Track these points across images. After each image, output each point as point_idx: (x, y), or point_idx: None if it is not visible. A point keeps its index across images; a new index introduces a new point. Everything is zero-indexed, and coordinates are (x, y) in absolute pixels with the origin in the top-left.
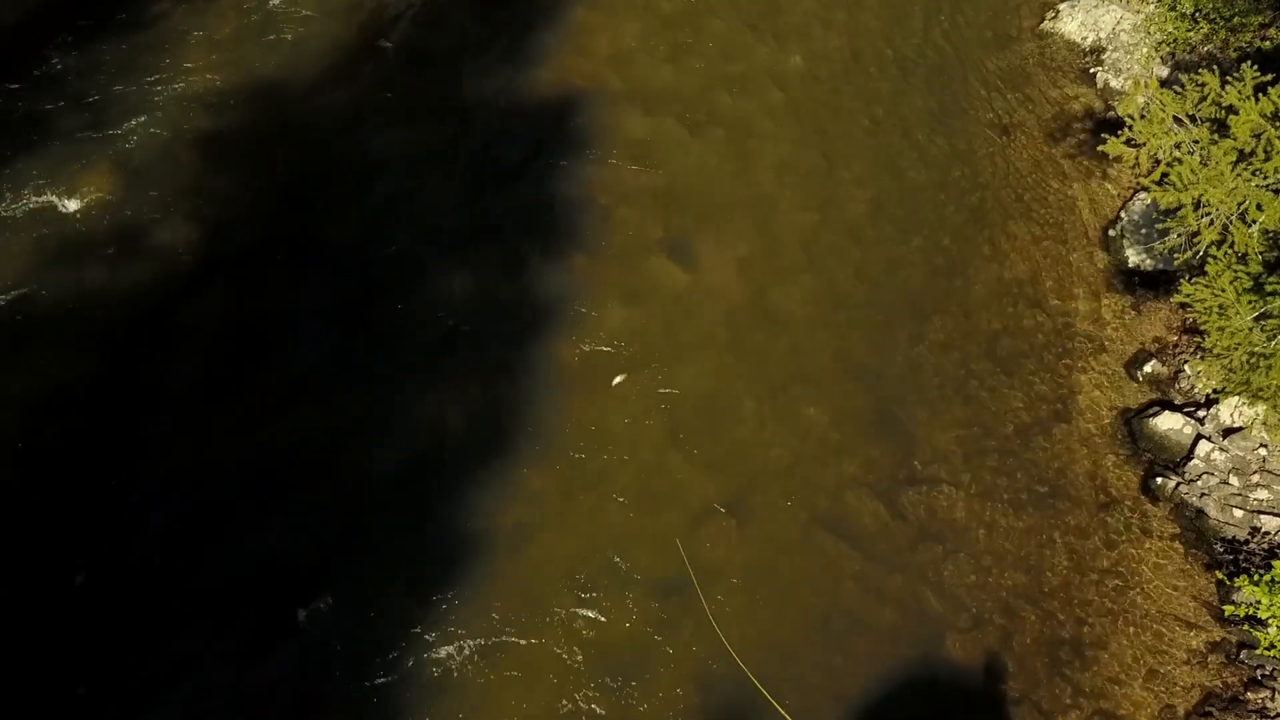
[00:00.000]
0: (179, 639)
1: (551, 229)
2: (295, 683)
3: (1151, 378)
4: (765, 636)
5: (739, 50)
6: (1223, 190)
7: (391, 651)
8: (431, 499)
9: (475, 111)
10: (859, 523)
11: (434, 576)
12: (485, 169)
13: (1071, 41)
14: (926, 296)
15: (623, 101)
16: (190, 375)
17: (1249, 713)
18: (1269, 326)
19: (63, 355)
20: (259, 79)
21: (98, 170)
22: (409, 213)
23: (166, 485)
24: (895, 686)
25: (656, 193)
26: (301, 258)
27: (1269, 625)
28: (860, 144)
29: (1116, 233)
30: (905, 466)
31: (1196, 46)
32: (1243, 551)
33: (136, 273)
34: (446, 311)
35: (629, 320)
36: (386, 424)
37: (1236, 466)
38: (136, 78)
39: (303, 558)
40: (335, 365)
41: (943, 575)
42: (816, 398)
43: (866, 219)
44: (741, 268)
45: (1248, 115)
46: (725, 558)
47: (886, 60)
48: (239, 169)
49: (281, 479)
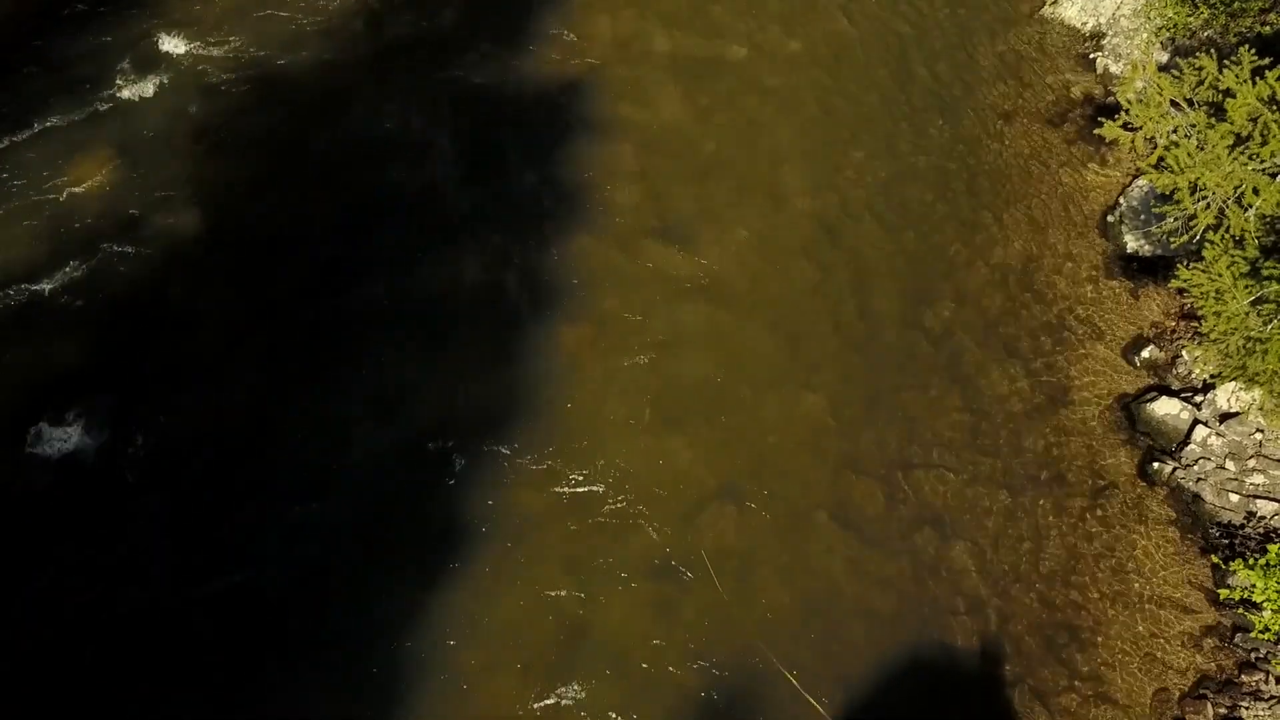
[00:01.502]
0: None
1: (549, 212)
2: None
3: (1149, 363)
4: (765, 620)
5: (740, 35)
6: (1219, 173)
7: (397, 642)
8: (433, 482)
9: (475, 95)
10: (858, 507)
11: (436, 556)
12: (484, 152)
13: (1072, 27)
14: (926, 282)
15: (622, 86)
16: (191, 358)
17: (1243, 695)
18: (1265, 311)
19: (63, 340)
20: (256, 64)
21: (96, 157)
22: (408, 195)
23: (163, 470)
24: (894, 669)
25: (656, 177)
26: (298, 241)
27: (1263, 609)
28: (861, 129)
29: (1115, 219)
30: (903, 452)
31: (1197, 31)
32: (1238, 536)
33: (136, 257)
34: (446, 295)
35: (627, 305)
36: (387, 406)
37: (1233, 451)
38: (133, 64)
39: (301, 546)
40: (333, 347)
41: (941, 559)
42: (814, 383)
43: (866, 205)
44: (740, 252)
45: (1245, 99)
46: (725, 543)
47: (888, 45)
48: (236, 154)
49: (282, 460)
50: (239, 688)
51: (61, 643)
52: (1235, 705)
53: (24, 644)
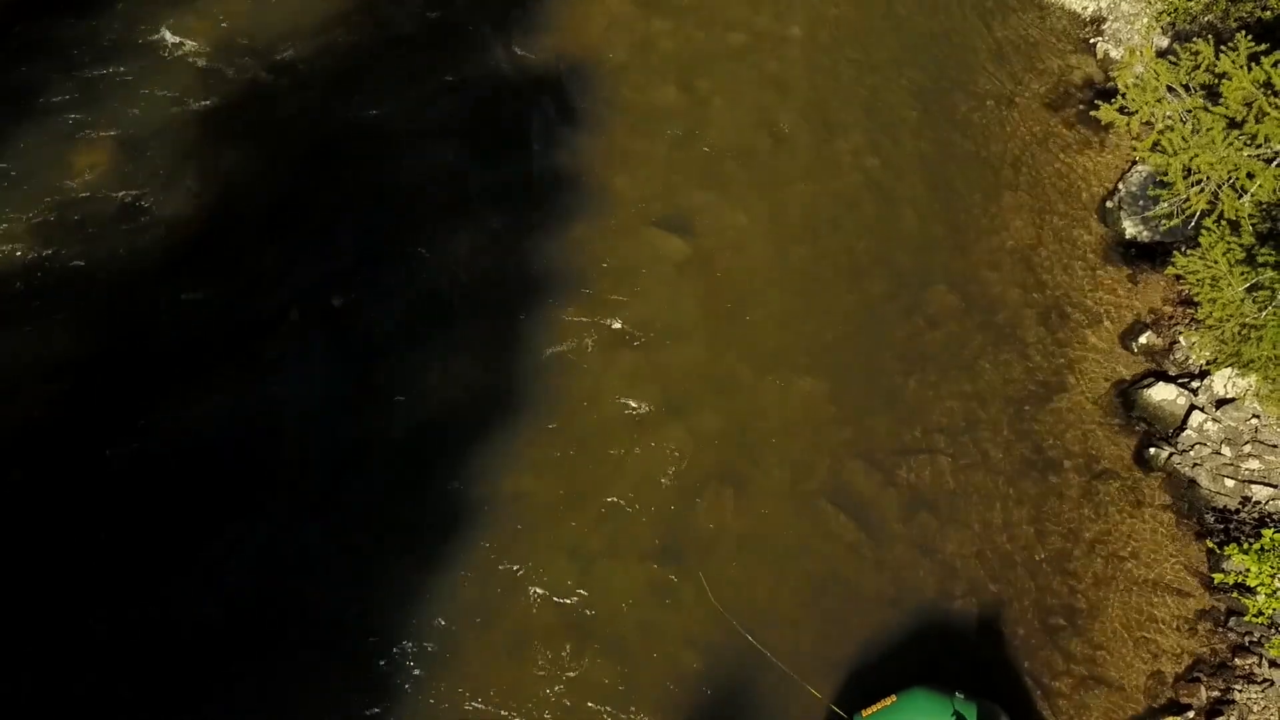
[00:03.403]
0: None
1: (548, 200)
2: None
3: (1146, 349)
4: (762, 605)
5: (739, 20)
6: (1213, 156)
7: (388, 626)
8: (429, 467)
9: (473, 82)
10: (856, 493)
11: (431, 543)
12: (483, 140)
13: (1072, 11)
14: (924, 267)
15: (621, 72)
16: (190, 348)
17: (1236, 678)
18: (1260, 297)
19: (63, 329)
20: (260, 49)
21: (98, 145)
22: (408, 184)
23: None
24: (891, 654)
25: (655, 162)
26: (302, 229)
27: (1257, 593)
28: (859, 114)
29: (1114, 204)
30: (901, 437)
31: (1197, 16)
32: (1233, 521)
33: (139, 246)
34: (445, 283)
35: (627, 291)
36: (385, 392)
37: (1229, 437)
38: (136, 50)
39: (299, 534)
40: (333, 334)
41: (938, 544)
42: (813, 369)
43: (865, 189)
44: (740, 239)
45: (1240, 83)
46: (722, 527)
47: (885, 29)
48: (240, 142)
49: (278, 453)
50: (230, 688)
51: (60, 642)
52: (1229, 688)
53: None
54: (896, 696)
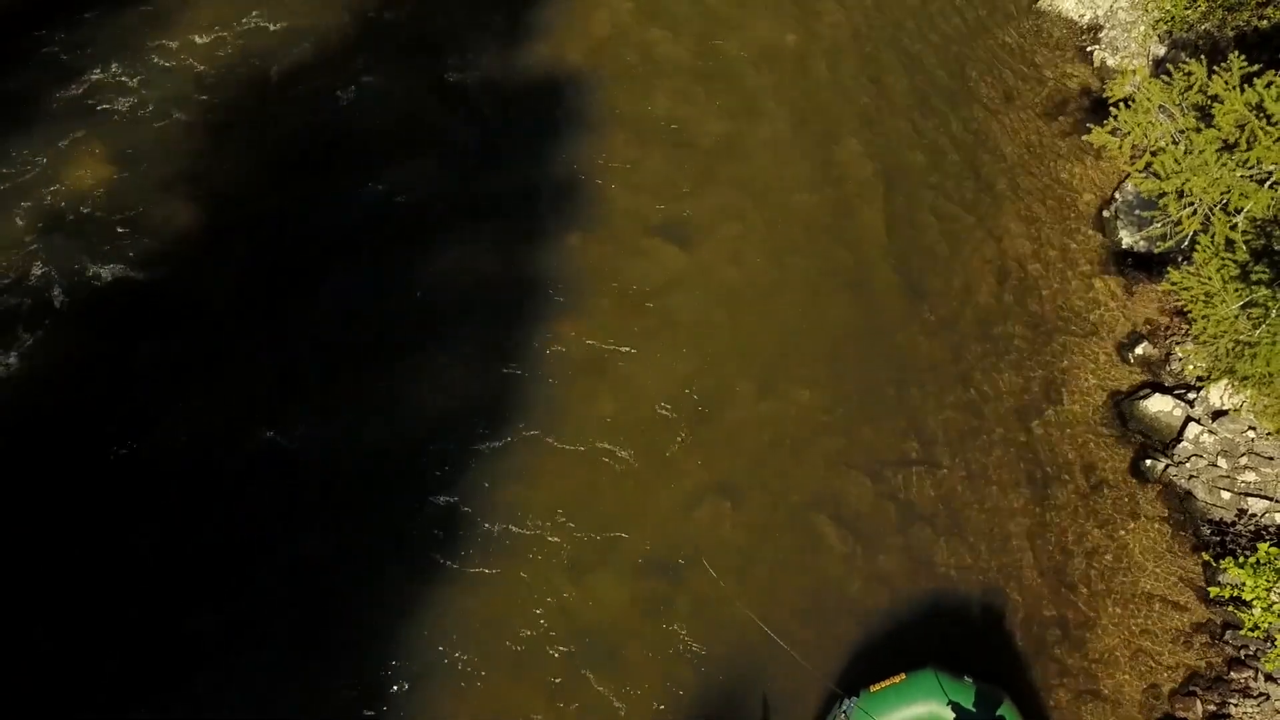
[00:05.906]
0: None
1: (544, 210)
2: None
3: (1143, 360)
4: (758, 616)
5: (735, 29)
6: (1206, 179)
7: (389, 640)
8: (422, 477)
9: (470, 91)
10: (851, 504)
11: (423, 554)
12: (479, 149)
13: (1068, 19)
14: (920, 278)
15: (619, 81)
16: (184, 357)
17: (1232, 691)
18: (1254, 315)
19: (58, 335)
20: (254, 57)
21: (92, 152)
22: (403, 192)
23: (161, 468)
24: (885, 667)
25: (651, 170)
26: (294, 237)
27: (1253, 606)
28: (856, 123)
29: (1110, 214)
30: (897, 448)
31: (1194, 25)
32: (1229, 533)
33: (134, 253)
34: (440, 293)
35: (621, 299)
36: (380, 404)
37: (1225, 449)
38: (130, 56)
39: (293, 544)
40: (326, 347)
41: (933, 556)
42: (810, 380)
43: (861, 199)
44: (736, 249)
45: (1232, 105)
46: (720, 539)
47: (883, 39)
48: (233, 149)
49: (278, 462)
50: (222, 695)
51: (60, 642)
52: (1224, 702)
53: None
54: (905, 675)
